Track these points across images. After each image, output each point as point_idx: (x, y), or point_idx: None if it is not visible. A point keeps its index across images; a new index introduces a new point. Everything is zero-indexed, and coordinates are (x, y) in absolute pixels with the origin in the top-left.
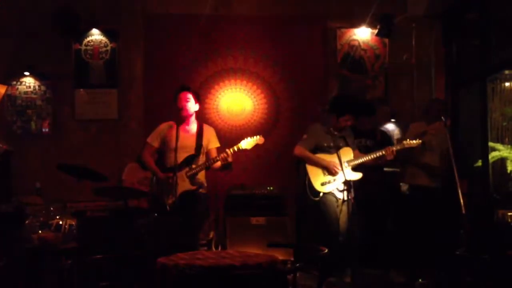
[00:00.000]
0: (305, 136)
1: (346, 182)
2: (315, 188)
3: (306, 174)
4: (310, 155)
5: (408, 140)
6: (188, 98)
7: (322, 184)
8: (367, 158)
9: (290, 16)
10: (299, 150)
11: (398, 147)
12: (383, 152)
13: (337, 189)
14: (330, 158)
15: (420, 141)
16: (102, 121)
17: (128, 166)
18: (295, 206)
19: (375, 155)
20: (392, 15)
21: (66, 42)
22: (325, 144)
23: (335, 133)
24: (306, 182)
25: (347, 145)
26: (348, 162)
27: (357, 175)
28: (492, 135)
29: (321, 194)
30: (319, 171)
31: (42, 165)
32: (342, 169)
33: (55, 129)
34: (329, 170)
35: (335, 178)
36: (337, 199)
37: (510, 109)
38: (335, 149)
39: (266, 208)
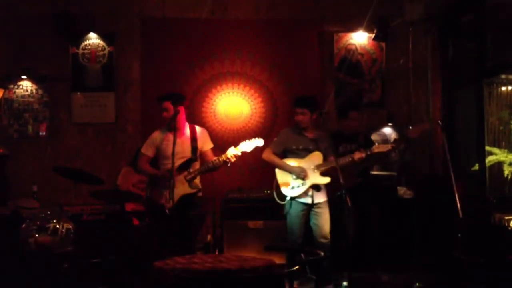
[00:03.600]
0: (275, 139)
1: (314, 187)
2: (282, 192)
3: (275, 177)
4: (276, 160)
5: (377, 144)
6: (169, 106)
7: (290, 188)
8: (336, 163)
9: (287, 20)
10: (266, 154)
11: (368, 152)
12: (353, 157)
13: (305, 193)
14: (300, 162)
15: (390, 146)
16: (99, 125)
17: (123, 171)
18: None
19: (344, 161)
20: (389, 19)
21: (64, 46)
22: (294, 147)
23: (306, 134)
24: (274, 186)
25: (317, 149)
26: (317, 166)
27: (325, 180)
28: (488, 139)
29: (288, 198)
30: (287, 175)
31: (38, 168)
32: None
33: (52, 133)
34: (296, 175)
35: (303, 182)
36: (304, 205)
37: (506, 113)
38: (305, 152)
39: (264, 212)
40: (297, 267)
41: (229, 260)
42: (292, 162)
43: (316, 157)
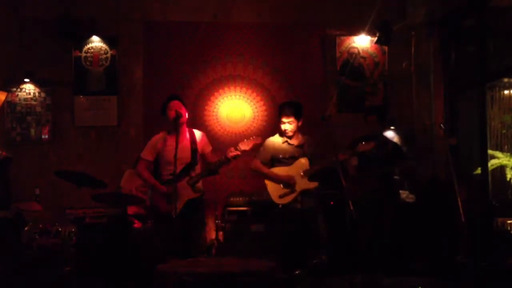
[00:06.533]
0: (261, 148)
1: (304, 192)
2: (273, 201)
3: (265, 186)
4: (265, 170)
5: (362, 143)
6: (181, 106)
7: (280, 197)
8: (321, 166)
9: (289, 24)
10: (255, 165)
11: (354, 152)
12: (338, 158)
13: (296, 200)
14: (287, 170)
15: (373, 143)
16: (101, 128)
17: (126, 173)
18: None
19: (329, 162)
20: (391, 23)
21: (66, 49)
22: (281, 156)
23: (291, 142)
24: (265, 196)
25: (304, 155)
26: (304, 172)
27: (314, 184)
28: (491, 143)
29: (279, 206)
30: (277, 184)
31: (41, 171)
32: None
33: (55, 136)
34: (285, 183)
35: (292, 190)
36: (296, 210)
37: (509, 116)
38: (292, 160)
39: (265, 215)
40: (298, 271)
41: (231, 263)
42: (279, 171)
43: (303, 163)
